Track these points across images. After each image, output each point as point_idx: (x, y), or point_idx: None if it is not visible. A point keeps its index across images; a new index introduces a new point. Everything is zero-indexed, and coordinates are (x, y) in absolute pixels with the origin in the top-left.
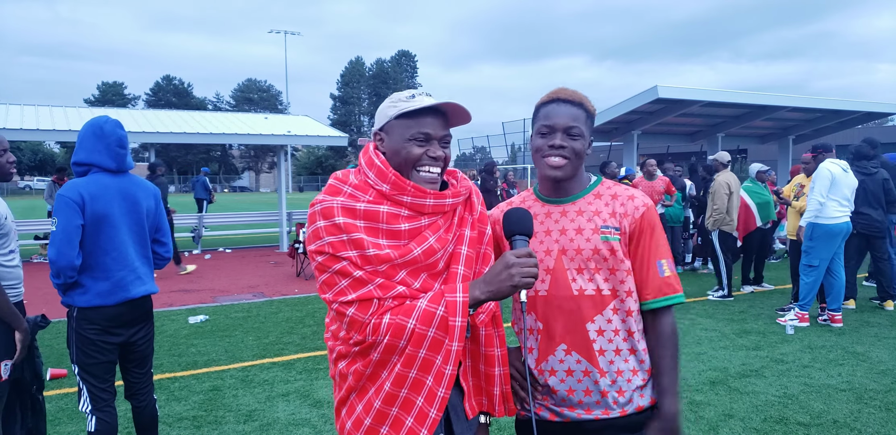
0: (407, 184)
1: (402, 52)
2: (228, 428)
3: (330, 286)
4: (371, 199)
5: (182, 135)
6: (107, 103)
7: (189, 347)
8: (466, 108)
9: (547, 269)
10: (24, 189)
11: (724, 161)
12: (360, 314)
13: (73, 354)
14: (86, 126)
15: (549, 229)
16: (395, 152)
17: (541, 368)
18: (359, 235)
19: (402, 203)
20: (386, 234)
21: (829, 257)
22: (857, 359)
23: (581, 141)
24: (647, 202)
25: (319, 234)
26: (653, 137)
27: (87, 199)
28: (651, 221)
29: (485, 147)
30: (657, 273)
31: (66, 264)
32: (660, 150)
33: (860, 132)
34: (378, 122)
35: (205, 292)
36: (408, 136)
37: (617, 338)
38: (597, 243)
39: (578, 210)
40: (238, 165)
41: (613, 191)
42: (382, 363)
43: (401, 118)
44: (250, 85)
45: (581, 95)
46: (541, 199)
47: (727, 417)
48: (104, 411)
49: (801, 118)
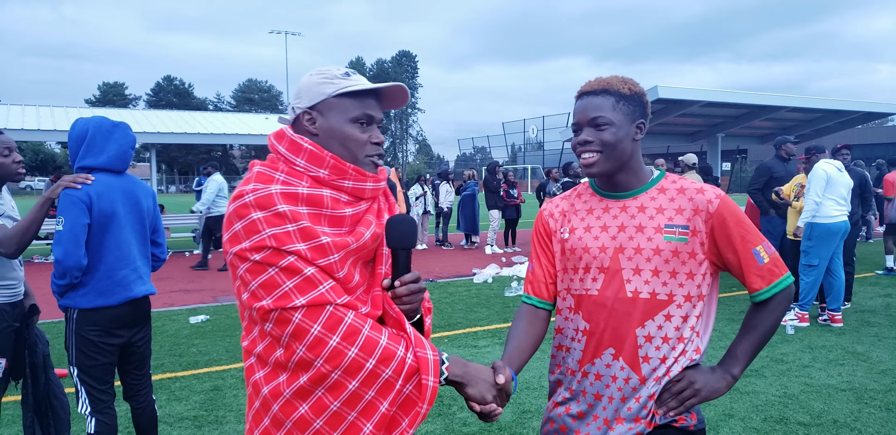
0: (347, 166)
1: (403, 53)
2: (229, 428)
3: (269, 290)
4: (309, 185)
5: (182, 135)
6: (108, 104)
7: (190, 346)
8: (407, 91)
9: (601, 267)
10: (25, 189)
11: (689, 163)
12: (309, 322)
13: (72, 356)
14: (90, 127)
15: (605, 225)
16: (331, 135)
17: (585, 371)
18: (306, 224)
19: (342, 188)
20: (329, 220)
21: (829, 257)
22: (858, 359)
23: (611, 129)
24: (720, 193)
25: (256, 227)
26: (653, 137)
27: (94, 197)
28: (731, 210)
29: (485, 147)
30: (756, 262)
31: (74, 264)
32: (660, 150)
33: (860, 132)
34: (308, 99)
35: (205, 292)
36: (349, 118)
37: (665, 346)
38: (659, 243)
39: (640, 206)
40: (239, 166)
41: (679, 185)
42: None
43: (340, 97)
44: (251, 85)
45: (610, 80)
46: (598, 193)
47: (727, 416)
48: (104, 413)
49: (801, 118)
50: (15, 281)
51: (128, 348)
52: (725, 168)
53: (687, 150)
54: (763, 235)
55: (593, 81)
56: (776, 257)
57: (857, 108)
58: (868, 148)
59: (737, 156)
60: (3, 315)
